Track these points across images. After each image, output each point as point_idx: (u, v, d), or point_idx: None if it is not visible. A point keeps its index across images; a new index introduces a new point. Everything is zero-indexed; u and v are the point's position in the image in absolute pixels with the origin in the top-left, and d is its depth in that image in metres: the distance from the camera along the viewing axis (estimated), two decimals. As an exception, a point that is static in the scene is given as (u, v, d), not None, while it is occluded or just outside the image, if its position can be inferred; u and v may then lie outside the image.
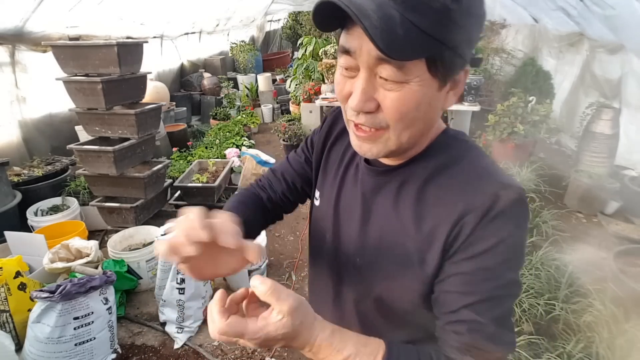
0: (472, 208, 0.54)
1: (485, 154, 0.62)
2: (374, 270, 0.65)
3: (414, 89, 0.50)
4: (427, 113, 0.54)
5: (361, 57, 0.51)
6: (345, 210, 0.71)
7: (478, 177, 0.57)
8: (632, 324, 1.83)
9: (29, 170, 3.27)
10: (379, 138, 0.56)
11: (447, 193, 0.57)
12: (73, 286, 1.76)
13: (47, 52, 3.43)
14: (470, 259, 0.53)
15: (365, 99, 0.52)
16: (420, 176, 0.61)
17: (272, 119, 6.63)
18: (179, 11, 5.38)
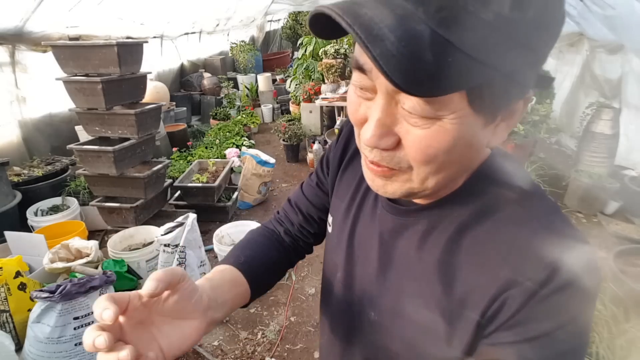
0: (521, 279, 0.41)
1: (545, 196, 0.47)
2: (391, 331, 0.53)
3: (448, 127, 0.37)
4: (465, 155, 0.42)
5: (379, 79, 0.38)
6: (360, 248, 0.59)
7: (532, 233, 0.43)
8: (632, 324, 1.83)
9: (29, 170, 3.27)
10: (397, 177, 0.44)
11: (487, 249, 0.45)
12: (73, 286, 1.76)
13: (47, 52, 3.43)
14: (518, 344, 0.41)
15: (381, 134, 0.40)
16: (455, 221, 0.48)
17: (272, 119, 6.63)
18: (179, 11, 5.38)
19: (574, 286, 0.40)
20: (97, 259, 2.25)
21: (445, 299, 0.47)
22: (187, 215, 2.20)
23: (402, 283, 0.52)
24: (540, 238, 0.42)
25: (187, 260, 2.10)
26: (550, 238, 0.42)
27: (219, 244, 2.51)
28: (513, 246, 0.43)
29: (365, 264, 0.58)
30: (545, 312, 0.41)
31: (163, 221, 2.38)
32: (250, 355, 2.06)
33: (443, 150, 0.39)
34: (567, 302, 0.40)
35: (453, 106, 0.36)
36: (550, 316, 0.41)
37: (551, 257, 0.41)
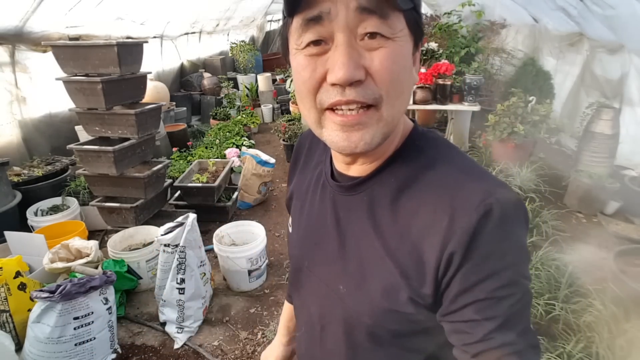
0: (458, 229, 0.47)
1: (456, 151, 0.56)
2: (361, 299, 0.56)
3: (400, 44, 0.46)
4: (409, 82, 0.50)
5: (337, 18, 0.44)
6: (319, 234, 0.64)
7: (455, 186, 0.50)
8: (632, 324, 1.83)
9: (29, 170, 3.27)
10: (370, 118, 0.47)
11: (426, 206, 0.50)
12: (73, 286, 1.76)
13: (47, 52, 3.43)
14: (479, 284, 0.46)
15: (353, 65, 0.44)
16: (393, 186, 0.54)
17: (272, 119, 6.63)
18: (179, 11, 5.38)
19: (503, 218, 0.46)
20: (97, 259, 2.25)
21: (401, 257, 0.51)
22: (187, 215, 2.19)
23: (362, 252, 0.56)
24: (464, 186, 0.49)
25: (187, 260, 2.10)
26: (471, 184, 0.49)
27: (219, 244, 2.51)
28: (443, 197, 0.49)
29: (327, 246, 0.62)
30: (487, 249, 0.46)
31: (163, 221, 2.38)
32: (250, 355, 2.06)
33: (402, 66, 0.47)
34: (503, 234, 0.47)
35: (399, 25, 0.46)
36: (493, 252, 0.46)
37: (476, 202, 0.47)
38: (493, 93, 5.00)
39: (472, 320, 0.47)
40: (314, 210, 0.65)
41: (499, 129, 3.80)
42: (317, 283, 0.65)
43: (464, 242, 0.46)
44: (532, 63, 4.65)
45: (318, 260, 0.64)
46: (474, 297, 0.47)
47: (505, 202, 0.47)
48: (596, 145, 3.48)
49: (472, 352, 0.48)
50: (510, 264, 0.47)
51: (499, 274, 0.46)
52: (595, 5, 3.29)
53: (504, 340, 0.46)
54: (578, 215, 3.30)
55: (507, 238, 0.47)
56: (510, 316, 0.46)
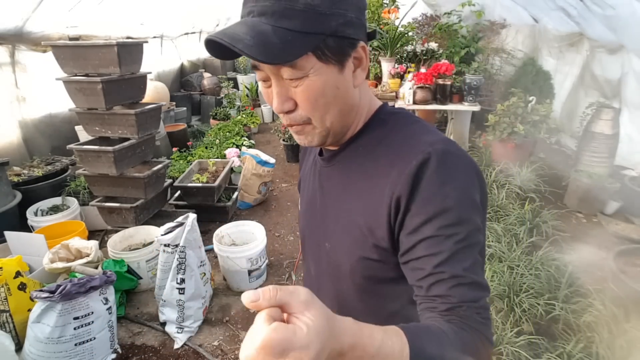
0: (402, 176, 0.56)
1: (415, 119, 0.66)
2: (340, 251, 0.68)
3: (313, 79, 0.55)
4: (338, 96, 0.58)
5: (264, 68, 0.56)
6: (312, 203, 0.76)
7: (404, 142, 0.61)
8: (632, 324, 1.83)
9: (29, 170, 3.27)
10: (307, 130, 0.61)
11: (382, 165, 0.61)
12: (73, 286, 1.76)
13: (47, 52, 3.43)
14: (425, 224, 0.54)
15: (282, 101, 0.57)
16: (361, 152, 0.65)
17: (272, 119, 6.63)
18: (179, 11, 5.38)
19: (440, 165, 0.55)
20: (97, 259, 2.25)
21: (364, 209, 0.62)
22: (187, 215, 2.19)
23: (338, 211, 0.68)
24: (409, 142, 0.60)
25: (187, 260, 2.10)
26: (414, 140, 0.59)
27: (219, 244, 2.51)
28: (394, 155, 0.60)
29: (316, 213, 0.75)
30: (430, 192, 0.54)
31: (163, 221, 2.38)
32: (250, 355, 2.06)
33: (318, 95, 0.56)
34: (441, 178, 0.55)
35: (309, 65, 0.54)
36: (435, 193, 0.54)
37: (416, 152, 0.56)
38: (493, 93, 5.00)
39: (423, 257, 0.54)
40: (310, 186, 0.78)
41: (499, 129, 3.80)
42: (313, 247, 0.78)
43: (406, 186, 0.55)
44: (532, 63, 4.65)
45: (312, 227, 0.77)
46: (422, 235, 0.54)
47: (444, 151, 0.56)
48: (596, 145, 3.48)
49: (425, 285, 0.54)
50: (453, 206, 0.54)
51: (442, 214, 0.53)
52: (595, 5, 3.29)
53: (452, 272, 0.52)
54: (578, 215, 3.31)
55: (446, 182, 0.55)
56: (456, 252, 0.53)
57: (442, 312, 0.53)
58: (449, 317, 0.52)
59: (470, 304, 0.52)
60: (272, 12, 0.52)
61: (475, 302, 0.53)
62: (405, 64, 4.32)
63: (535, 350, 1.83)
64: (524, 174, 3.44)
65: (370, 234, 0.61)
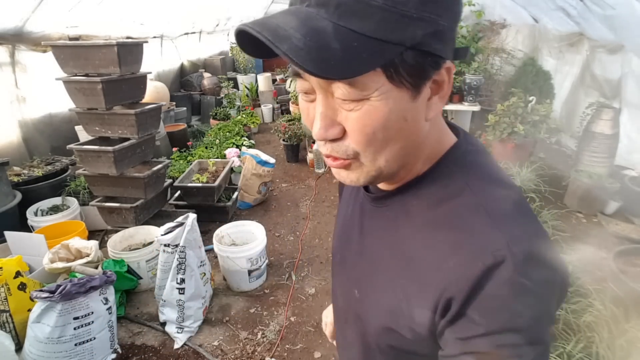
0: (460, 273, 0.43)
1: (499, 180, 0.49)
2: (370, 310, 0.57)
3: (376, 104, 0.41)
4: (404, 130, 0.44)
5: (311, 78, 0.42)
6: (347, 236, 0.66)
7: (474, 222, 0.45)
8: (632, 324, 1.83)
9: (29, 170, 3.27)
10: (352, 167, 0.47)
11: (439, 240, 0.47)
12: (73, 286, 1.76)
13: (47, 52, 3.43)
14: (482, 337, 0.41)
15: (326, 125, 0.43)
16: (416, 209, 0.51)
17: (272, 119, 6.63)
18: (179, 11, 5.38)
19: (520, 279, 0.40)
20: (97, 259, 2.25)
21: (406, 283, 0.50)
22: (187, 215, 2.19)
23: (375, 265, 0.57)
24: (486, 232, 0.43)
25: (187, 260, 2.10)
26: (495, 233, 0.43)
27: (219, 244, 2.51)
28: (459, 240, 0.44)
29: (351, 249, 0.64)
30: (490, 308, 0.41)
31: (163, 221, 2.38)
32: (250, 355, 2.06)
33: (378, 126, 0.42)
34: (515, 296, 0.40)
35: (374, 85, 0.40)
36: (498, 312, 0.41)
37: (493, 251, 0.41)
38: (493, 93, 5.00)
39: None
40: (349, 212, 0.67)
41: (499, 129, 3.80)
42: (343, 279, 0.68)
43: (464, 290, 0.42)
44: (532, 63, 4.65)
45: (345, 259, 0.67)
46: (475, 348, 0.42)
47: (525, 259, 0.41)
48: (596, 145, 3.48)
49: None
50: (523, 328, 0.40)
51: (507, 333, 0.40)
52: (595, 5, 3.29)
53: None
54: (578, 215, 3.31)
55: (520, 297, 0.40)
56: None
57: None
58: None
59: None
60: (338, 4, 0.38)
61: None
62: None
63: (535, 350, 1.83)
64: (524, 174, 3.44)
65: (408, 314, 0.49)
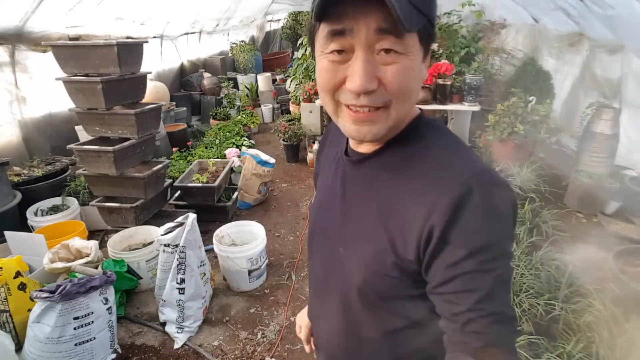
0: (440, 204, 0.52)
1: (455, 138, 0.62)
2: (356, 261, 0.64)
3: (411, 59, 0.53)
4: (418, 85, 0.57)
5: (359, 35, 0.51)
6: (329, 203, 0.73)
7: (444, 166, 0.56)
8: (632, 324, 1.83)
9: (29, 170, 3.27)
10: (379, 117, 0.56)
11: (416, 184, 0.57)
12: (73, 286, 1.76)
13: (47, 52, 3.43)
14: (467, 259, 0.51)
15: (370, 77, 0.52)
16: (393, 164, 0.62)
17: (272, 119, 6.63)
18: (179, 11, 5.38)
19: (482, 200, 0.51)
20: (97, 259, 2.25)
21: (391, 226, 0.58)
22: (187, 215, 2.19)
23: (360, 219, 0.64)
24: (451, 169, 0.55)
25: (187, 260, 2.10)
26: (457, 168, 0.55)
27: (219, 244, 2.51)
28: (432, 179, 0.55)
29: (334, 213, 0.70)
30: (469, 229, 0.51)
31: (163, 221, 2.38)
32: (250, 355, 2.06)
33: (410, 77, 0.54)
34: (482, 216, 0.51)
35: (412, 43, 0.53)
36: (478, 232, 0.51)
37: (458, 184, 0.52)
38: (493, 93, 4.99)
39: (461, 291, 0.51)
40: (329, 182, 0.74)
41: (499, 129, 3.79)
42: (324, 246, 0.74)
43: (445, 216, 0.51)
44: (532, 63, 4.65)
45: (326, 226, 0.73)
46: (462, 270, 0.51)
47: (486, 184, 0.52)
48: (596, 145, 3.48)
49: (461, 320, 0.52)
50: (495, 242, 0.51)
51: (485, 249, 0.51)
52: (595, 5, 3.29)
53: (492, 309, 0.50)
54: (578, 215, 3.30)
55: (491, 218, 0.52)
56: (495, 288, 0.51)
57: (476, 348, 0.51)
58: (483, 353, 0.50)
59: (505, 339, 0.51)
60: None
61: (509, 337, 0.52)
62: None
63: (535, 350, 1.83)
64: (524, 174, 3.44)
65: (394, 252, 0.58)
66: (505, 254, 0.53)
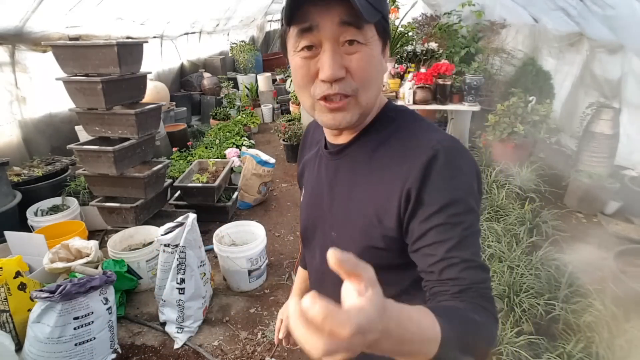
0: (413, 170, 0.60)
1: (419, 117, 0.71)
2: (346, 240, 0.70)
3: (371, 48, 0.60)
4: (380, 74, 0.64)
5: (324, 30, 0.58)
6: (318, 195, 0.79)
7: (413, 139, 0.65)
8: (632, 324, 1.83)
9: (29, 170, 3.27)
10: (350, 104, 0.62)
11: (392, 159, 0.65)
12: (73, 286, 1.76)
13: (47, 52, 3.43)
14: (437, 213, 0.58)
15: (338, 66, 0.58)
16: (370, 148, 0.69)
17: (272, 119, 6.63)
18: (179, 11, 5.38)
19: (447, 160, 0.59)
20: (97, 259, 2.25)
21: (373, 200, 0.65)
22: (187, 215, 2.19)
23: (346, 202, 0.71)
24: (418, 140, 0.64)
25: (187, 260, 2.10)
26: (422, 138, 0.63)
27: (219, 244, 2.51)
28: (405, 151, 0.64)
29: (323, 203, 0.77)
30: (440, 184, 0.59)
31: (163, 221, 2.38)
32: (250, 355, 2.06)
33: (371, 66, 0.61)
34: (450, 172, 0.59)
35: (371, 34, 0.60)
36: (445, 186, 0.59)
37: (426, 150, 0.60)
38: (493, 93, 4.99)
39: (434, 243, 0.58)
40: (314, 178, 0.81)
41: (499, 129, 3.80)
42: (319, 236, 0.80)
43: (418, 179, 0.59)
44: (532, 63, 4.65)
45: (318, 216, 0.79)
46: (433, 223, 0.58)
47: (450, 148, 0.61)
48: (596, 145, 3.48)
49: (437, 269, 0.58)
50: (461, 197, 0.58)
51: (452, 204, 0.58)
52: (595, 5, 3.29)
53: (463, 256, 0.57)
54: (578, 215, 3.30)
55: (455, 176, 0.60)
56: (464, 238, 0.57)
57: (453, 294, 0.56)
58: (461, 298, 0.55)
59: (480, 285, 0.57)
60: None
61: (483, 284, 0.57)
62: (405, 64, 4.32)
63: (535, 350, 1.83)
64: (524, 174, 3.44)
65: (379, 224, 0.64)
66: (471, 210, 0.59)
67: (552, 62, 4.69)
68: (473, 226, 0.59)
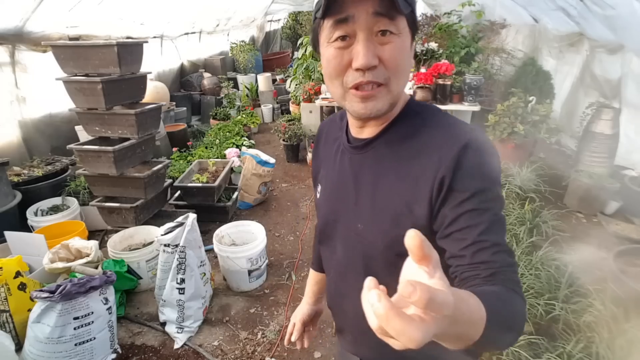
0: (446, 159, 0.62)
1: (443, 112, 0.73)
2: (375, 231, 0.72)
3: (402, 39, 0.63)
4: (409, 65, 0.67)
5: (359, 20, 0.60)
6: (341, 189, 0.79)
7: (442, 131, 0.67)
8: (632, 324, 1.83)
9: (29, 170, 3.27)
10: (381, 93, 0.64)
11: (421, 151, 0.67)
12: (73, 286, 1.76)
13: (47, 52, 3.43)
14: (468, 199, 0.60)
15: (371, 55, 0.60)
16: (397, 140, 0.71)
17: (272, 119, 6.63)
18: (179, 11, 5.38)
19: (477, 151, 0.62)
20: (97, 259, 2.25)
21: (403, 190, 0.67)
22: (187, 215, 2.19)
23: (374, 194, 0.72)
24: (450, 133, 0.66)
25: (187, 260, 2.10)
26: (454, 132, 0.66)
27: (219, 244, 2.51)
28: (436, 142, 0.65)
29: (347, 197, 0.77)
30: (471, 173, 0.61)
31: (163, 221, 2.38)
32: (250, 355, 2.06)
33: (403, 56, 0.63)
34: (480, 161, 0.62)
35: (402, 25, 0.62)
36: (476, 175, 0.62)
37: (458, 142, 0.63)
38: (493, 93, 5.00)
39: (465, 227, 0.60)
40: (336, 173, 0.81)
41: (499, 129, 3.80)
42: (342, 230, 0.81)
43: (451, 167, 0.61)
44: (532, 63, 4.65)
45: (341, 211, 0.80)
46: (465, 209, 0.60)
47: (478, 139, 0.64)
48: (596, 145, 3.48)
49: (468, 253, 0.60)
50: (490, 185, 0.62)
51: (482, 192, 0.61)
52: (595, 5, 3.29)
53: (494, 240, 0.59)
54: (578, 215, 3.30)
55: (484, 165, 0.63)
56: (493, 223, 0.60)
57: (485, 277, 0.58)
58: (493, 281, 0.57)
59: (509, 269, 0.59)
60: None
61: (512, 267, 0.60)
62: (405, 64, 4.31)
63: (535, 350, 1.83)
64: (524, 174, 3.44)
65: (410, 213, 0.66)
66: (498, 197, 0.63)
67: (552, 62, 4.69)
68: (500, 213, 0.62)
